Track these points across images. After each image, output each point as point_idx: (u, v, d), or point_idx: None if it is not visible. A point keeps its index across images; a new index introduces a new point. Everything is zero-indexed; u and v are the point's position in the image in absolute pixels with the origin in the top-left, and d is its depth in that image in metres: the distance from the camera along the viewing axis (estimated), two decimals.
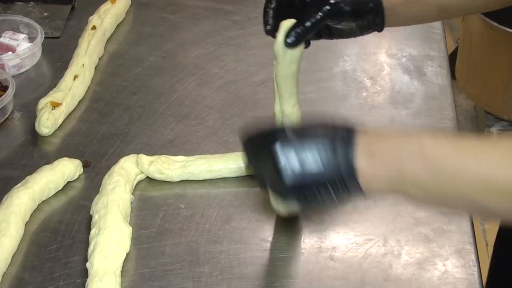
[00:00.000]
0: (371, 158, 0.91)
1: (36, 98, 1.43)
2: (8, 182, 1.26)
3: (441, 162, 0.88)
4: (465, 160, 0.87)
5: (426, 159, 0.88)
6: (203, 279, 1.12)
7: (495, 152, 0.86)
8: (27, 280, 1.12)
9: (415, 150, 0.89)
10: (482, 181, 0.86)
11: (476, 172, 0.86)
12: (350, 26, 1.16)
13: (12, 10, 1.73)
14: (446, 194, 0.89)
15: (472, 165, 0.87)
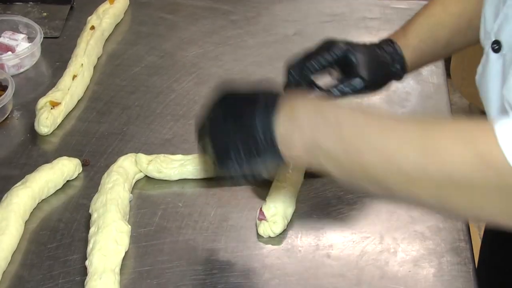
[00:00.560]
0: (290, 123, 0.91)
1: (35, 97, 1.43)
2: (8, 181, 1.26)
3: (352, 137, 0.88)
4: (374, 138, 0.87)
5: (339, 132, 0.89)
6: (201, 277, 1.12)
7: (405, 134, 0.86)
8: (27, 278, 1.12)
9: (331, 121, 0.90)
10: (386, 162, 0.85)
11: (382, 151, 0.86)
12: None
13: (12, 10, 1.73)
14: (355, 171, 0.89)
15: (379, 144, 0.86)
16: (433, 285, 1.10)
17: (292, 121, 0.91)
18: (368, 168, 0.87)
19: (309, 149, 0.90)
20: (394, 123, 0.89)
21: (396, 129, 0.87)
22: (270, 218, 1.17)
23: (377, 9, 1.73)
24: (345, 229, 1.19)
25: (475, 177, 0.80)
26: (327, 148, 0.89)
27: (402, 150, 0.84)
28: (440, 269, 1.12)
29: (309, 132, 0.90)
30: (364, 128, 0.88)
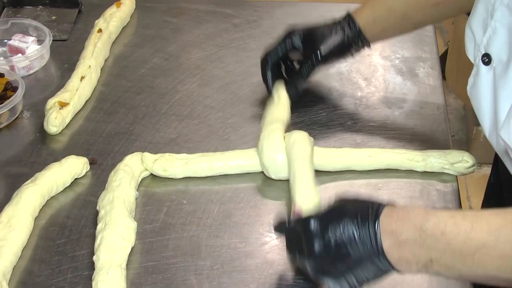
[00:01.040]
0: (397, 245, 0.90)
1: (45, 98, 1.42)
2: (18, 179, 1.25)
3: (462, 244, 0.87)
4: (482, 238, 0.87)
5: (448, 242, 0.88)
6: (205, 272, 1.11)
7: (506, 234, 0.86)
8: (36, 272, 1.12)
9: (435, 233, 0.88)
10: (500, 257, 0.86)
11: (493, 248, 0.86)
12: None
13: (22, 14, 1.73)
14: (472, 272, 0.89)
15: (489, 242, 0.86)
16: (429, 281, 1.10)
17: (399, 245, 0.91)
18: (484, 268, 0.87)
19: (426, 266, 0.90)
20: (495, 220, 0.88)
21: (501, 227, 0.86)
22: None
23: None
24: None
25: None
26: (441, 261, 0.89)
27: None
28: None
29: (420, 252, 0.89)
30: (470, 232, 0.87)
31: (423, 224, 0.90)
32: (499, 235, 0.86)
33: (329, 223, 0.95)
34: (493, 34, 1.01)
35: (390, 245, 0.91)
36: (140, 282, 1.10)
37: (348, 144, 1.34)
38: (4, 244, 1.12)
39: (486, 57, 1.03)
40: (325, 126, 1.36)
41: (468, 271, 0.89)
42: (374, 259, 0.92)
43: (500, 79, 1.00)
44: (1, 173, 1.30)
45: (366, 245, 0.91)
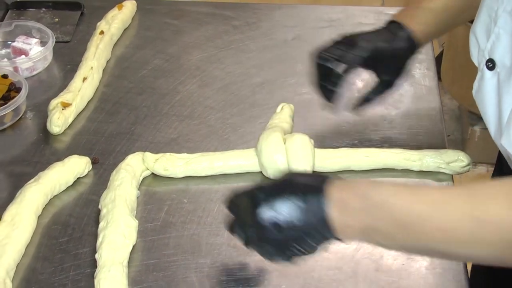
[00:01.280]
0: (343, 211, 0.91)
1: (48, 99, 1.42)
2: (22, 178, 1.25)
3: (404, 215, 0.88)
4: (426, 213, 0.86)
5: (390, 212, 0.88)
6: (205, 270, 1.11)
7: (456, 206, 0.86)
8: (40, 270, 1.12)
9: (379, 203, 0.89)
10: (442, 234, 0.85)
11: (437, 225, 0.85)
12: None
13: (25, 16, 1.73)
14: (412, 244, 0.89)
15: (432, 218, 0.86)
16: (425, 277, 1.10)
17: (345, 213, 0.91)
18: (424, 240, 0.87)
19: (364, 232, 0.90)
20: (438, 195, 0.89)
21: (444, 203, 0.87)
22: None
23: (372, 15, 1.72)
24: None
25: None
26: (383, 230, 0.89)
27: (457, 223, 0.84)
28: (431, 262, 1.12)
29: (362, 219, 0.90)
30: (411, 204, 0.88)
31: (367, 193, 0.91)
32: (438, 208, 0.86)
33: (276, 192, 0.94)
34: (496, 40, 1.02)
35: (336, 213, 0.91)
36: (141, 279, 1.10)
37: (345, 144, 1.34)
38: (7, 242, 1.12)
39: (490, 63, 1.04)
40: (323, 127, 1.36)
41: (408, 242, 0.89)
42: (319, 227, 0.92)
43: (504, 84, 1.01)
44: (5, 172, 1.30)
45: (312, 213, 0.91)
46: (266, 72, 1.54)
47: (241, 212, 0.99)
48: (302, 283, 1.09)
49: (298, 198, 0.92)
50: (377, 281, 1.09)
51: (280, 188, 0.95)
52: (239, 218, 0.99)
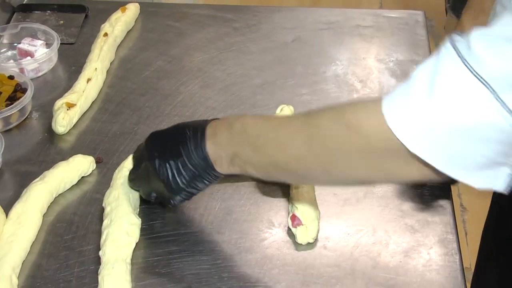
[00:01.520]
0: (214, 144, 1.02)
1: (53, 99, 1.42)
2: (27, 177, 1.25)
3: (255, 137, 0.97)
4: (271, 134, 0.96)
5: (247, 137, 0.98)
6: (207, 267, 1.11)
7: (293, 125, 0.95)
8: (45, 267, 1.12)
9: (240, 130, 0.99)
10: (282, 151, 0.94)
11: (278, 143, 0.94)
12: None
13: (31, 18, 1.73)
14: (267, 166, 0.99)
15: (275, 137, 0.95)
16: (422, 274, 1.10)
17: (215, 143, 1.02)
18: (273, 160, 0.97)
19: (232, 161, 1.00)
20: (285, 119, 1.00)
21: (287, 123, 0.97)
22: (304, 221, 1.15)
23: (370, 18, 1.72)
24: (340, 223, 1.19)
25: (346, 144, 0.87)
26: (243, 154, 0.98)
27: (292, 138, 0.93)
28: (428, 259, 1.12)
29: (228, 147, 1.00)
30: (262, 128, 0.98)
31: (232, 123, 1.02)
32: (280, 128, 0.96)
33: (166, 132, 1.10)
34: None
35: (211, 146, 1.02)
36: (144, 276, 1.10)
37: None
38: (13, 239, 1.12)
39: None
40: None
41: (262, 163, 0.98)
42: (200, 160, 1.03)
43: None
44: (11, 171, 1.30)
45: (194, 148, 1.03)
46: (266, 74, 1.54)
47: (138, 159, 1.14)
48: (302, 280, 1.09)
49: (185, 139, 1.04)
50: (375, 277, 1.09)
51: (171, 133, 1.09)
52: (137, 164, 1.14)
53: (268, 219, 1.20)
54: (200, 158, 1.03)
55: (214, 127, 1.03)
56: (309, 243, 1.15)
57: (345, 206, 1.22)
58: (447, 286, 1.09)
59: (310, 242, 1.15)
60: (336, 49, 1.42)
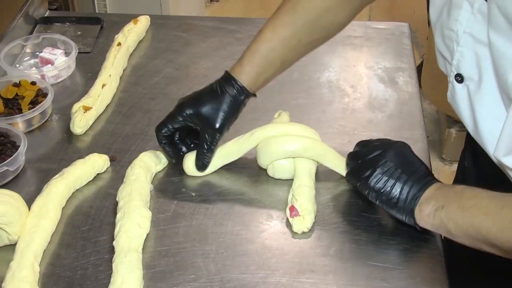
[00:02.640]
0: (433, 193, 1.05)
1: (71, 103, 1.42)
2: (48, 174, 1.25)
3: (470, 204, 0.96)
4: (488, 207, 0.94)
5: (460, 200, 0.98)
6: (211, 256, 1.11)
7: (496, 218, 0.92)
8: (63, 256, 1.12)
9: (457, 192, 1.00)
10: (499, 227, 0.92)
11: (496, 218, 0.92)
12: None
13: (51, 29, 1.73)
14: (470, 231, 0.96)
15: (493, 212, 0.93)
16: (407, 262, 1.09)
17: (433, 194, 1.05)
18: (481, 230, 0.93)
19: (436, 210, 1.01)
20: (502, 193, 0.94)
21: (503, 196, 0.93)
22: (302, 213, 1.15)
23: (360, 29, 1.72)
24: (332, 216, 1.19)
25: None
26: (449, 209, 0.99)
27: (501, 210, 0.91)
28: (413, 248, 1.12)
29: (441, 200, 1.02)
30: (478, 194, 0.97)
31: (456, 186, 1.03)
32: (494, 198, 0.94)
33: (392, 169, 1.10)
34: (461, 58, 1.02)
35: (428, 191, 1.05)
36: (154, 264, 1.10)
37: (337, 143, 1.33)
38: (35, 230, 1.12)
39: (459, 77, 1.04)
40: (316, 128, 1.35)
41: (462, 222, 0.97)
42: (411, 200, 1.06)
43: (475, 95, 1.01)
44: (33, 168, 1.30)
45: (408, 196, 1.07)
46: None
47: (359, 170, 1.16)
48: (298, 268, 1.09)
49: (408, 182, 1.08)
50: (362, 268, 1.09)
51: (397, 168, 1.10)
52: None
53: (267, 212, 1.19)
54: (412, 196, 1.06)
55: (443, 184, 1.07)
56: (304, 232, 1.14)
57: (335, 201, 1.21)
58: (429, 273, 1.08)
59: (304, 231, 1.14)
60: (329, 57, 1.41)
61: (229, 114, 1.21)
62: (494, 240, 0.92)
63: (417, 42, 3.50)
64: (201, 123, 1.21)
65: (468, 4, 0.98)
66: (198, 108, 1.20)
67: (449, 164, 2.84)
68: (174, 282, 1.07)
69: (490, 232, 0.92)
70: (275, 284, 1.06)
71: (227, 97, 1.20)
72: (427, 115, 3.02)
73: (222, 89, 1.21)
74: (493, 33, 0.94)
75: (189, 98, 1.23)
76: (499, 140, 0.98)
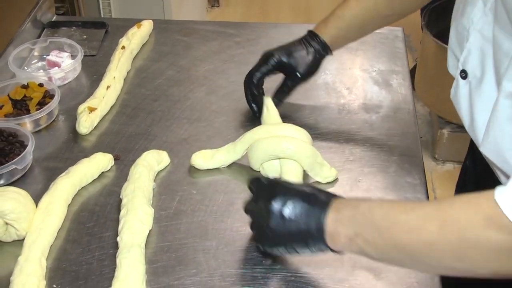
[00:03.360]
0: (336, 220, 0.91)
1: (77, 104, 1.42)
2: (54, 172, 1.25)
3: (382, 221, 0.87)
4: (399, 217, 0.86)
5: (372, 220, 0.88)
6: (211, 251, 1.11)
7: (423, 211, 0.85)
8: (69, 251, 1.12)
9: (365, 213, 0.89)
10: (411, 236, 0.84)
11: (407, 227, 0.84)
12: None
13: (58, 33, 1.73)
14: (389, 249, 0.87)
15: (403, 221, 0.85)
16: None
17: (337, 220, 0.91)
18: (398, 244, 0.85)
19: (351, 240, 0.90)
20: (414, 205, 0.89)
21: (417, 208, 0.86)
22: None
23: None
24: None
25: (487, 236, 0.77)
26: (365, 235, 0.88)
27: (424, 223, 0.83)
28: None
29: (350, 226, 0.90)
30: (390, 211, 0.87)
31: (358, 204, 0.91)
32: (408, 213, 0.85)
33: (293, 193, 0.96)
34: (468, 55, 1.03)
35: (330, 220, 0.91)
36: (156, 259, 1.10)
37: (332, 143, 1.34)
38: (42, 226, 1.12)
39: (463, 73, 1.04)
40: (313, 129, 1.36)
41: (385, 247, 0.87)
42: (314, 231, 0.92)
43: (475, 92, 1.02)
44: (40, 167, 1.30)
45: (313, 218, 0.93)
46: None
47: (259, 196, 1.00)
48: (295, 263, 1.09)
49: (307, 203, 0.93)
50: (360, 261, 1.09)
51: (298, 191, 0.96)
52: (255, 200, 1.01)
53: None
54: (317, 231, 0.93)
55: (339, 203, 0.93)
56: None
57: None
58: None
59: None
60: (326, 60, 1.41)
61: (312, 64, 1.34)
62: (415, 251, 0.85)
63: (410, 46, 3.50)
64: (287, 70, 1.35)
65: (482, 3, 0.98)
66: (286, 56, 1.35)
67: (442, 163, 2.84)
68: (175, 277, 1.07)
69: (412, 247, 0.84)
70: (274, 279, 1.06)
71: (311, 50, 1.34)
72: (420, 116, 3.02)
73: (308, 43, 1.35)
74: (497, 28, 0.95)
75: (278, 47, 1.37)
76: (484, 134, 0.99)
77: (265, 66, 1.35)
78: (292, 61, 1.34)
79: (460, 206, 0.81)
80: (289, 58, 1.34)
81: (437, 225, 0.81)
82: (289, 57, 1.34)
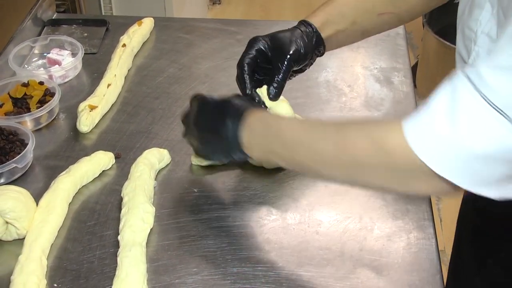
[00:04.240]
0: (250, 135, 1.01)
1: (77, 102, 1.42)
2: (55, 170, 1.25)
3: (289, 139, 0.96)
4: (303, 137, 0.94)
5: (281, 137, 0.97)
6: (213, 250, 1.11)
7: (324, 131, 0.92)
8: (70, 249, 1.11)
9: (275, 130, 0.99)
10: (311, 154, 0.92)
11: (308, 146, 0.92)
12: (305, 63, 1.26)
13: (59, 31, 1.72)
14: (296, 163, 0.98)
15: (306, 140, 0.93)
16: (402, 256, 1.09)
17: (251, 134, 1.01)
18: (302, 160, 0.95)
19: (264, 153, 1.01)
20: (318, 124, 0.96)
21: (318, 129, 0.93)
22: None
23: None
24: (330, 211, 1.18)
25: (372, 159, 0.85)
26: (275, 151, 0.98)
27: (322, 143, 0.91)
28: (408, 243, 1.11)
29: (263, 141, 1.00)
30: (295, 131, 0.97)
31: (270, 122, 1.01)
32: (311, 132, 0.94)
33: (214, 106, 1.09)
34: (476, 57, 1.02)
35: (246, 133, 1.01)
36: (157, 258, 1.09)
37: None
38: (43, 225, 1.11)
39: None
40: None
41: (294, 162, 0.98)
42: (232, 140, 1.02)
43: None
44: (41, 165, 1.30)
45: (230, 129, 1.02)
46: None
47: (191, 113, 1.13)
48: (297, 261, 1.08)
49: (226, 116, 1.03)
50: (361, 259, 1.09)
51: (219, 104, 1.08)
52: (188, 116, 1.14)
53: (267, 208, 1.19)
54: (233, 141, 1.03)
55: (253, 117, 1.02)
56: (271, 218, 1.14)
57: (335, 196, 1.21)
58: (425, 266, 1.08)
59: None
60: (327, 58, 1.40)
61: (301, 45, 1.22)
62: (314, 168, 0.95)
63: (412, 43, 3.49)
64: (275, 52, 1.25)
65: (490, 5, 0.97)
66: (270, 37, 1.26)
67: None
68: (177, 275, 1.06)
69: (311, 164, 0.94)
70: (275, 277, 1.06)
71: (298, 31, 1.25)
72: None
73: (295, 28, 1.26)
74: (500, 30, 0.94)
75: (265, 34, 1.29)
76: None
77: (251, 49, 1.27)
78: (278, 42, 1.25)
79: (356, 129, 0.89)
80: (274, 38, 1.26)
81: (334, 146, 0.90)
82: (274, 38, 1.26)
